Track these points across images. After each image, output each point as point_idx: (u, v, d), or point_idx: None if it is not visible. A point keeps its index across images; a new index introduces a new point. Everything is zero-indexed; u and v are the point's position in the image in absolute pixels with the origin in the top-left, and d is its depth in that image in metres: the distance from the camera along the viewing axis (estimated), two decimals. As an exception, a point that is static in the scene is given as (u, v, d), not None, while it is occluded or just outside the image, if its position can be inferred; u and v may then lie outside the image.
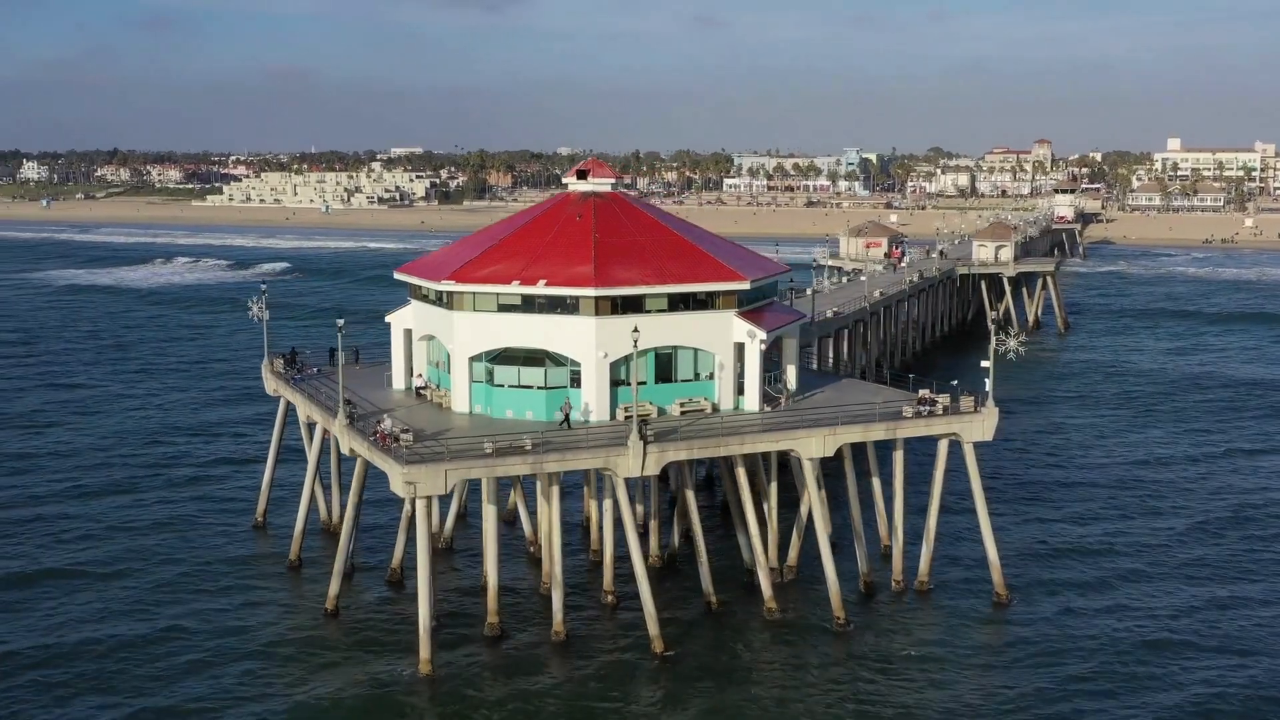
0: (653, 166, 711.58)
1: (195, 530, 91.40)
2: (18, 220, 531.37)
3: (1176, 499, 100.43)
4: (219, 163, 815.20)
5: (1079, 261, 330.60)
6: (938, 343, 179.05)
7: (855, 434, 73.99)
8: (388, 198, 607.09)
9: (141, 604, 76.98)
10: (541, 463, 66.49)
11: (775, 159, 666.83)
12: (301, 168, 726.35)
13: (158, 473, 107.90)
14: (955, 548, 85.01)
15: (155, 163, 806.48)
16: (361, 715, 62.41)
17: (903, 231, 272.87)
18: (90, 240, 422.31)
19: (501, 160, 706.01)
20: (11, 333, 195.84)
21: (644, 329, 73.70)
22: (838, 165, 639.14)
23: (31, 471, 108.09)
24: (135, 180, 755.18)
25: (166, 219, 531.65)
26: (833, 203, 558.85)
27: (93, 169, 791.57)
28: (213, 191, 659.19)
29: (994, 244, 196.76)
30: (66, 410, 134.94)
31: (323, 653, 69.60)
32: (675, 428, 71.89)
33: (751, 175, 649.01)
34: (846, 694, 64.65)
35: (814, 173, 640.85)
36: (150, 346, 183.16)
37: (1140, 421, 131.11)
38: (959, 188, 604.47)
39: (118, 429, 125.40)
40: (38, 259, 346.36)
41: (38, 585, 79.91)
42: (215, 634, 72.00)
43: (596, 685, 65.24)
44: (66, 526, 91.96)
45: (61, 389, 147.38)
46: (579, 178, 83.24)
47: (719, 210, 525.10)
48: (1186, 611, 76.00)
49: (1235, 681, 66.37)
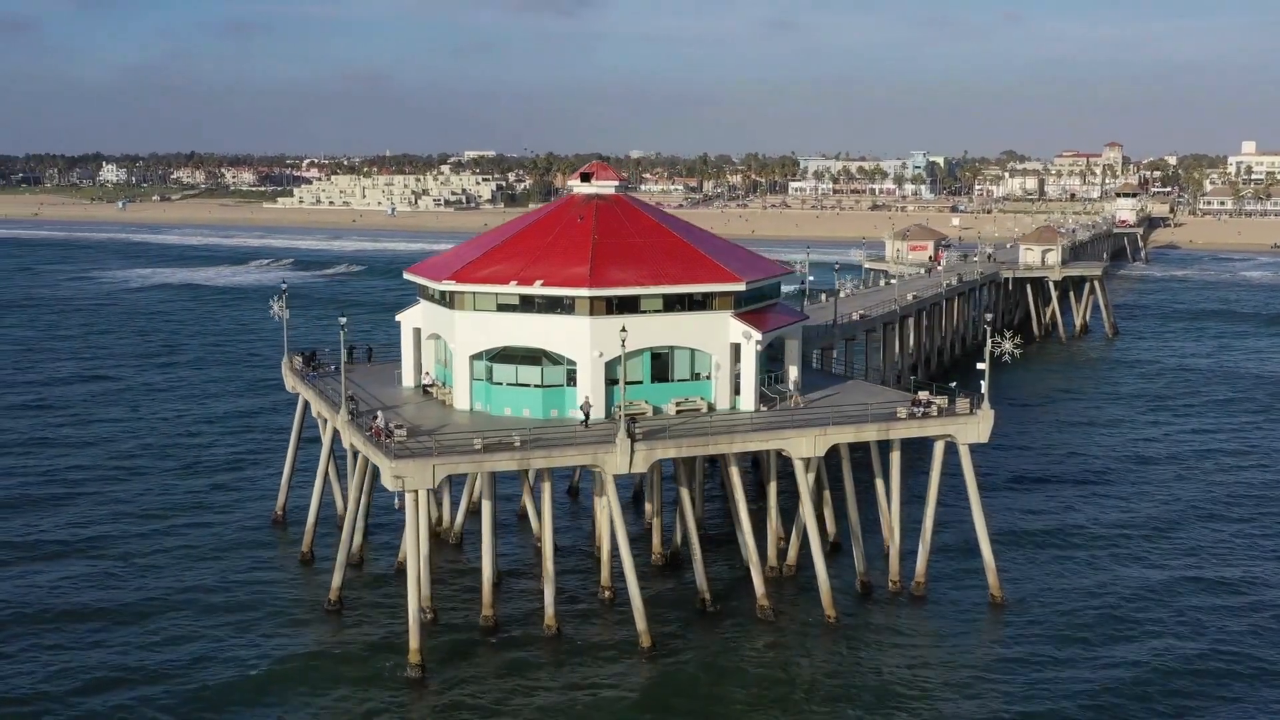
0: (720, 170, 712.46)
1: (217, 521, 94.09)
2: (94, 221, 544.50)
3: (1188, 501, 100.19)
4: (293, 165, 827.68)
5: (1141, 266, 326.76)
6: (980, 346, 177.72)
7: (847, 434, 74.55)
8: (453, 200, 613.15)
9: (148, 586, 79.94)
10: (529, 459, 67.86)
11: (841, 162, 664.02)
12: (371, 171, 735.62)
13: (190, 463, 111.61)
14: (954, 549, 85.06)
15: (230, 165, 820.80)
16: (347, 702, 64.08)
17: (963, 235, 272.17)
18: (160, 241, 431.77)
19: (567, 163, 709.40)
20: (69, 328, 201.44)
21: (640, 329, 75.00)
22: (904, 168, 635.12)
23: (69, 456, 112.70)
24: (210, 183, 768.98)
25: (237, 221, 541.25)
26: (897, 206, 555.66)
27: (169, 171, 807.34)
28: (284, 194, 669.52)
29: (1040, 248, 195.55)
30: (109, 401, 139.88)
31: (320, 643, 71.51)
32: (665, 426, 72.92)
33: (817, 179, 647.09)
34: (830, 692, 65.25)
35: (880, 176, 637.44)
36: (200, 343, 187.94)
37: (1163, 423, 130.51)
38: (1027, 191, 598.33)
39: (158, 420, 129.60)
40: (105, 258, 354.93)
41: (55, 559, 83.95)
42: (214, 621, 74.24)
43: (578, 678, 66.44)
44: (89, 511, 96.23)
45: (107, 381, 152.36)
46: (583, 180, 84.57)
47: (782, 214, 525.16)
48: (1183, 614, 75.73)
49: (1233, 685, 66.28)
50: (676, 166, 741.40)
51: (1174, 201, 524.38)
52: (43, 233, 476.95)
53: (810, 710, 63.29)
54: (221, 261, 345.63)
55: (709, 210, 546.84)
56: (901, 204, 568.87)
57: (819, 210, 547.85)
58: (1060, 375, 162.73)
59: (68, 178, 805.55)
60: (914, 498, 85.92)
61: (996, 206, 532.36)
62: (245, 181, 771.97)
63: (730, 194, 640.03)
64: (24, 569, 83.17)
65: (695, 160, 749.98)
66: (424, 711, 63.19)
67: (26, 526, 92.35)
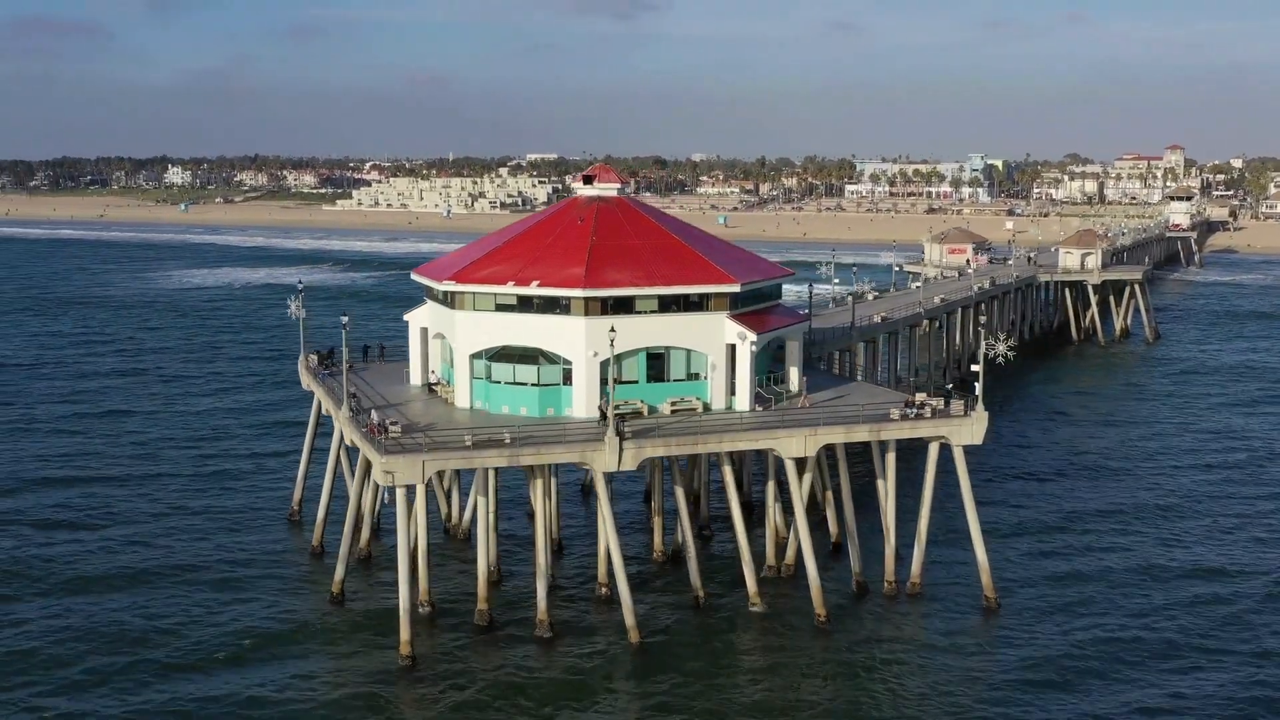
0: (778, 172, 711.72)
1: (236, 512, 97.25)
2: (158, 223, 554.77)
3: (1195, 504, 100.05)
4: (355, 168, 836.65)
5: (1195, 270, 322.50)
6: (1017, 349, 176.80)
7: (838, 435, 75.14)
8: (509, 203, 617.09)
9: (158, 568, 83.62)
10: (518, 456, 69.13)
11: (898, 165, 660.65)
12: (429, 173, 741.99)
13: (217, 455, 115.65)
14: (953, 550, 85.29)
15: (293, 168, 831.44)
16: (337, 690, 65.71)
17: (1012, 239, 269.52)
18: (219, 241, 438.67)
19: (623, 166, 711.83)
20: (118, 325, 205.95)
21: (636, 329, 76.20)
22: (961, 171, 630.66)
23: (102, 444, 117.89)
24: (272, 185, 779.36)
25: (296, 223, 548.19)
26: (953, 209, 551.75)
27: (233, 174, 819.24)
28: (343, 196, 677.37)
29: (1080, 251, 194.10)
30: (146, 393, 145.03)
31: (318, 632, 73.39)
32: (657, 425, 73.89)
33: (874, 181, 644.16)
34: (814, 689, 66.02)
35: (937, 179, 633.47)
36: (243, 340, 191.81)
37: (1186, 426, 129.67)
38: (1086, 194, 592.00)
39: (191, 413, 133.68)
40: (164, 259, 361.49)
41: (73, 537, 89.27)
42: (217, 606, 76.80)
43: (563, 672, 67.70)
44: (111, 496, 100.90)
45: (147, 375, 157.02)
46: (585, 183, 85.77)
47: (836, 216, 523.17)
48: (1176, 619, 75.55)
49: (1226, 689, 66.35)
50: (735, 169, 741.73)
51: (1235, 206, 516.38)
52: (106, 234, 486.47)
53: (789, 707, 63.97)
54: (276, 262, 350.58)
55: (762, 213, 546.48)
56: (958, 207, 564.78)
57: (874, 213, 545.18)
58: (1088, 378, 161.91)
59: (134, 180, 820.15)
60: (914, 499, 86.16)
61: (1054, 210, 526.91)
62: (306, 184, 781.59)
63: (785, 197, 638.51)
64: (45, 544, 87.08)
65: (753, 163, 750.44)
66: (410, 700, 64.78)
67: (55, 506, 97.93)
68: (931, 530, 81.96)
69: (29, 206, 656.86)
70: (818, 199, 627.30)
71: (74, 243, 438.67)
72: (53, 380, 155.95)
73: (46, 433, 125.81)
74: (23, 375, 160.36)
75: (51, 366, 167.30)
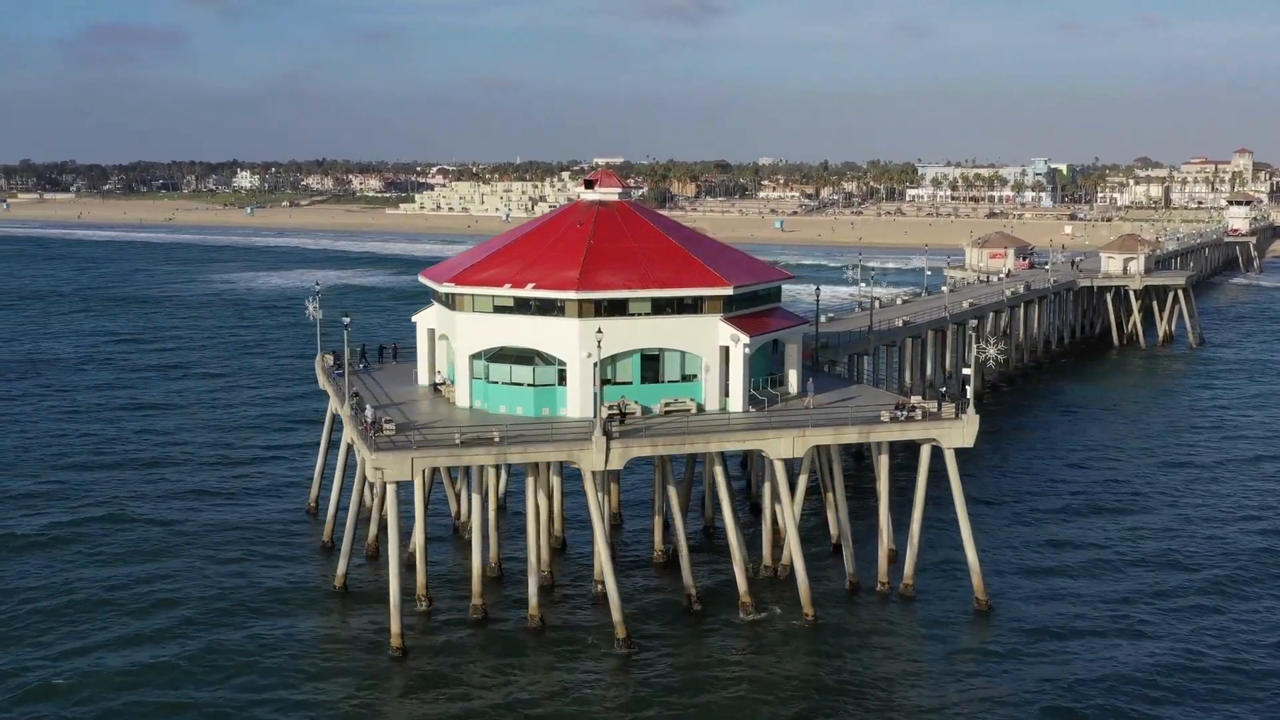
0: (840, 176, 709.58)
1: (257, 506, 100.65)
2: (223, 226, 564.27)
3: (1197, 513, 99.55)
4: (420, 172, 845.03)
5: (1254, 275, 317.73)
6: (1053, 355, 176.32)
7: (826, 436, 75.95)
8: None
9: (172, 553, 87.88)
10: (505, 454, 70.72)
11: (959, 169, 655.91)
12: (492, 177, 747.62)
13: (246, 449, 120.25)
14: (948, 552, 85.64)
15: (359, 172, 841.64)
16: (328, 679, 67.69)
17: (1066, 244, 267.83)
18: (280, 244, 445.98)
19: (685, 170, 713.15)
20: (168, 323, 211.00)
21: (630, 331, 77.61)
22: (1023, 175, 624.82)
23: (138, 433, 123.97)
24: (338, 189, 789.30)
25: (358, 226, 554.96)
26: (1014, 214, 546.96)
27: (300, 178, 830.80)
28: (406, 200, 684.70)
29: (1122, 256, 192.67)
30: (183, 391, 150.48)
31: (316, 622, 75.68)
32: (648, 425, 75.12)
33: (935, 186, 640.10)
34: (794, 689, 66.77)
35: (999, 183, 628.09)
36: (286, 338, 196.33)
37: (1205, 433, 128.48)
38: (1151, 199, 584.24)
39: (226, 408, 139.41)
40: (224, 261, 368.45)
41: (95, 520, 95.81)
42: (222, 592, 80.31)
43: (549, 666, 69.26)
44: (138, 485, 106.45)
45: (193, 372, 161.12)
46: (587, 187, 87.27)
47: (895, 221, 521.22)
48: (1166, 623, 75.64)
49: (1210, 692, 66.66)
50: (797, 174, 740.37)
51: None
52: (171, 236, 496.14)
53: (766, 704, 64.87)
54: (335, 265, 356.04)
55: (820, 217, 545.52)
56: (1019, 212, 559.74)
57: (933, 218, 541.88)
58: (1121, 382, 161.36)
59: (204, 184, 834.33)
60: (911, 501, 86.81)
61: (1117, 215, 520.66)
62: (371, 188, 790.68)
63: (845, 201, 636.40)
64: (69, 526, 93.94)
65: (816, 167, 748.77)
66: (397, 689, 66.73)
67: (79, 490, 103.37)
68: (927, 532, 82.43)
69: (101, 210, 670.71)
70: (877, 203, 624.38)
71: (138, 244, 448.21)
72: (99, 373, 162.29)
73: (89, 420, 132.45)
74: (73, 368, 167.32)
75: (99, 362, 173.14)
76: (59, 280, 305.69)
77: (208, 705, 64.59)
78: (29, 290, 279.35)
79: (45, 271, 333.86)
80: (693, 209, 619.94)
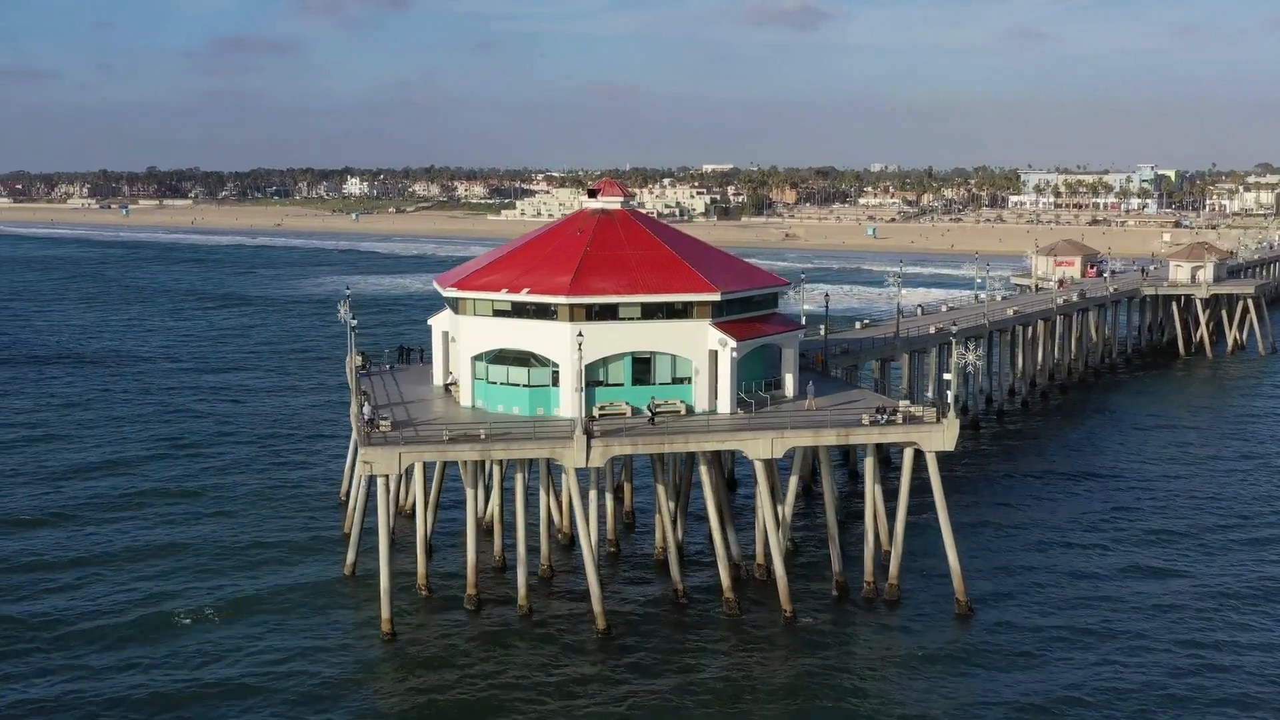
0: (942, 183, 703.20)
1: (296, 496, 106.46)
2: (329, 232, 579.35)
3: (1199, 519, 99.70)
4: (526, 178, 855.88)
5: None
6: (1113, 363, 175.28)
7: (805, 438, 78.27)
8: (665, 214, 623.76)
9: (198, 537, 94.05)
10: (489, 450, 74.39)
11: (1062, 176, 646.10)
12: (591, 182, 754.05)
13: (293, 439, 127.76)
14: (938, 556, 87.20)
15: (464, 179, 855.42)
16: (321, 655, 72.10)
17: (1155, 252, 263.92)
18: (380, 249, 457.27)
19: (783, 177, 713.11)
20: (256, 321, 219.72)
21: (621, 335, 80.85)
22: (1129, 182, 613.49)
23: (196, 420, 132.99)
24: (443, 195, 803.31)
25: (458, 232, 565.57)
26: (1117, 221, 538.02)
27: (407, 185, 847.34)
28: (508, 206, 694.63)
29: (1190, 264, 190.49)
30: (255, 382, 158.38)
31: (324, 605, 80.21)
32: (633, 425, 78.19)
33: (1038, 192, 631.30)
34: (767, 682, 69.32)
35: (1104, 190, 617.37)
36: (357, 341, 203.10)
37: (1236, 443, 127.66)
38: (1263, 206, 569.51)
39: (280, 402, 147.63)
40: (321, 265, 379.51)
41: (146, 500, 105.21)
42: (235, 568, 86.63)
43: (526, 652, 72.75)
44: (190, 471, 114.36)
45: (263, 368, 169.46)
46: (590, 196, 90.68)
47: (993, 228, 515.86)
48: (1143, 631, 76.63)
49: (1190, 696, 67.85)
50: (899, 179, 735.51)
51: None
52: (275, 241, 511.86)
53: (741, 701, 67.27)
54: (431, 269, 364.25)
55: (914, 224, 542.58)
56: (1122, 219, 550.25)
57: (1032, 225, 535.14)
58: (1167, 391, 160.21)
59: (315, 191, 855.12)
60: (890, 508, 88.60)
61: (1224, 222, 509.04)
62: (476, 194, 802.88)
63: (946, 208, 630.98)
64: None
65: (921, 173, 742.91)
66: (383, 670, 71.09)
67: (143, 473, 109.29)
68: (924, 536, 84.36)
69: (215, 216, 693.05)
70: (977, 210, 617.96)
71: (243, 249, 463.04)
72: (189, 371, 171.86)
73: (157, 410, 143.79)
74: (159, 364, 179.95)
75: (188, 359, 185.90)
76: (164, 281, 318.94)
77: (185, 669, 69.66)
78: (132, 289, 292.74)
79: (159, 272, 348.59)
80: (790, 215, 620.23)
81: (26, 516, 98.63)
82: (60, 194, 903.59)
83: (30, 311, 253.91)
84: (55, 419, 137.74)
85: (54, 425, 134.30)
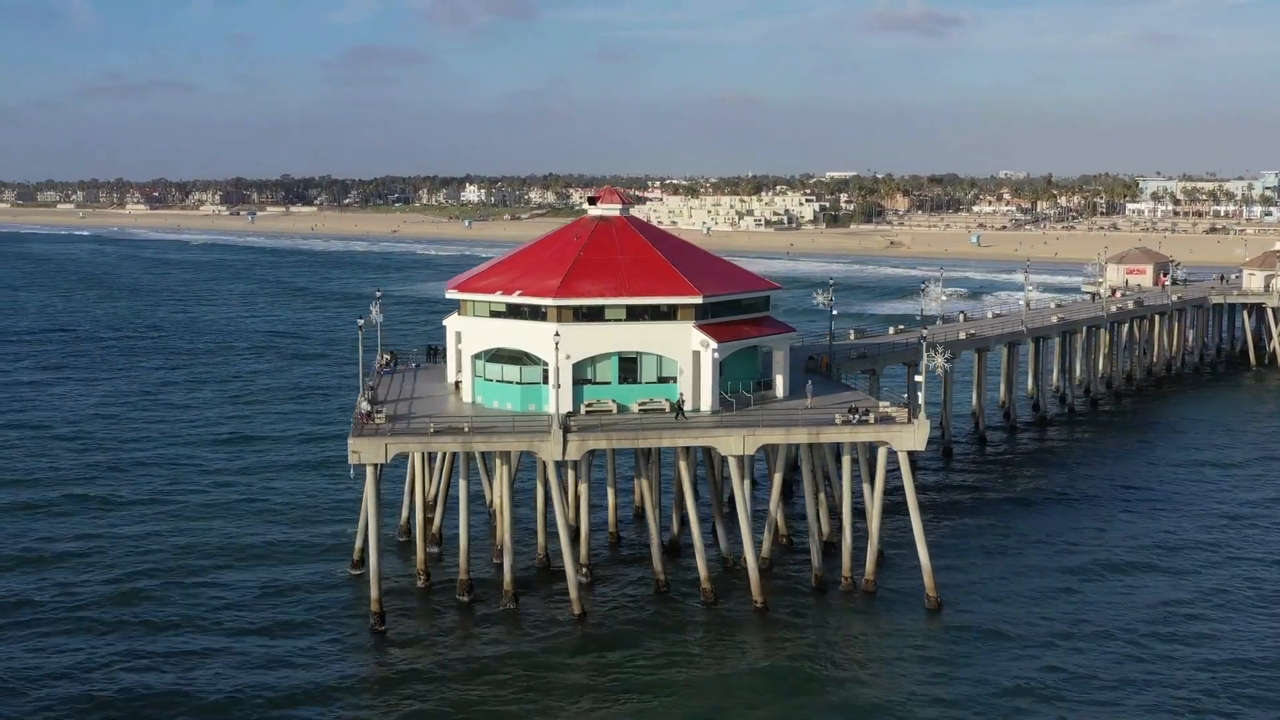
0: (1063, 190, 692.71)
1: (318, 491, 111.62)
2: (441, 238, 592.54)
3: (1198, 526, 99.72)
4: (644, 186, 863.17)
5: None
6: (1180, 373, 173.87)
7: (776, 436, 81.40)
8: (774, 221, 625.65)
9: (217, 530, 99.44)
10: (470, 442, 78.95)
11: (1180, 182, 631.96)
12: (705, 191, 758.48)
13: (325, 435, 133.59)
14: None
15: (580, 186, 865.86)
16: (303, 636, 77.31)
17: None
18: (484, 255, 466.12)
19: (895, 184, 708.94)
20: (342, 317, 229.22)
21: (607, 335, 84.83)
22: (1250, 189, 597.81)
23: (231, 409, 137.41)
24: (558, 202, 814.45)
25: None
26: (1235, 229, 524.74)
27: (524, 191, 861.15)
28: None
29: (1263, 273, 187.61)
30: (316, 376, 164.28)
31: (330, 591, 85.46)
32: (615, 422, 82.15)
33: (1155, 200, 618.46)
34: (735, 669, 72.75)
35: (1225, 197, 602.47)
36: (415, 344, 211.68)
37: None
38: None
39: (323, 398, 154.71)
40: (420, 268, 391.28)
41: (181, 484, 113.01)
42: (250, 548, 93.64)
43: (502, 636, 77.12)
44: (207, 474, 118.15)
45: (327, 361, 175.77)
46: (590, 203, 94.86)
47: (1105, 236, 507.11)
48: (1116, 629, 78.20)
49: (1149, 690, 69.50)
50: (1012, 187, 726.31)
51: None
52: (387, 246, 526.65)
53: (713, 690, 70.32)
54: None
55: (1023, 232, 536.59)
56: (1241, 226, 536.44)
57: (1145, 233, 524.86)
58: (1222, 402, 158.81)
59: (435, 198, 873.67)
60: (892, 503, 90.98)
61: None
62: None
63: (1059, 215, 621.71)
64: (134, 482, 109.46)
65: (1041, 181, 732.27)
66: (371, 653, 75.92)
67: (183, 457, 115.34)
68: (909, 532, 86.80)
69: (335, 222, 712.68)
70: (1090, 218, 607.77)
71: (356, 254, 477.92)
72: (274, 366, 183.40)
73: (223, 401, 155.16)
74: (250, 358, 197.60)
75: (273, 352, 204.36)
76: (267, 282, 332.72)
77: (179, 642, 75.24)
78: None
79: (276, 272, 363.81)
80: (900, 223, 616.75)
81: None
82: (194, 200, 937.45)
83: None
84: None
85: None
